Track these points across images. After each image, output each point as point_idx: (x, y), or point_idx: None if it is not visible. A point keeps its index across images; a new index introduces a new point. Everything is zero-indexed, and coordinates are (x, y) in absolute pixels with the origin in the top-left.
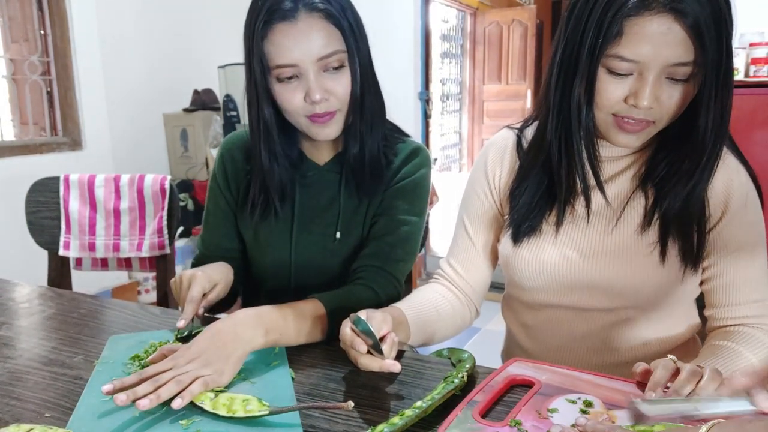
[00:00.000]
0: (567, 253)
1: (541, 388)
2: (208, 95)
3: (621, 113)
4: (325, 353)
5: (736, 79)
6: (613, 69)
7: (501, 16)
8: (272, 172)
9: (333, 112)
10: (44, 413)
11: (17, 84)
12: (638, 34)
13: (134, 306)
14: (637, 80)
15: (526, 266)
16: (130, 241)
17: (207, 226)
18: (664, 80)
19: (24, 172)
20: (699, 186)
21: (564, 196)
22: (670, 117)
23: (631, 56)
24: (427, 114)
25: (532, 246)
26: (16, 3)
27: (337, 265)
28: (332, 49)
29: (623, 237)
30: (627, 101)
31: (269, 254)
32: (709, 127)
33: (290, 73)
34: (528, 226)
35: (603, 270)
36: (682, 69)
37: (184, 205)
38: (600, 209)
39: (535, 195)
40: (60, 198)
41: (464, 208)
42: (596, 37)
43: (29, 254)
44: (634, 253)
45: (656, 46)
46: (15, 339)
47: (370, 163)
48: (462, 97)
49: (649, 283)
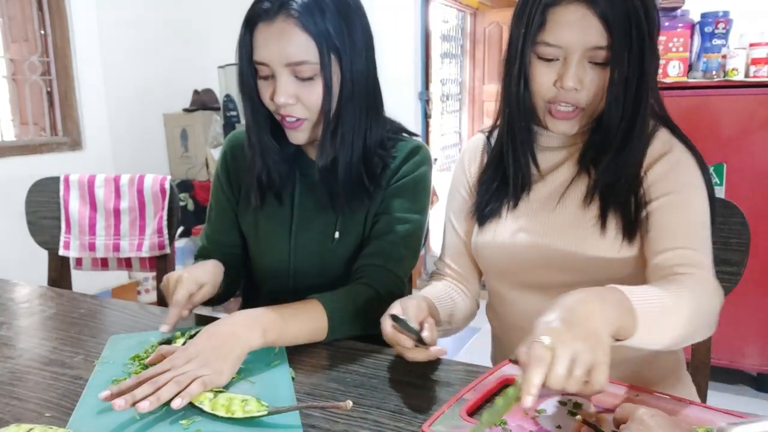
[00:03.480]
0: (521, 233)
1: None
2: (208, 95)
3: (553, 100)
4: (325, 353)
5: (736, 79)
6: (542, 55)
7: (501, 16)
8: (263, 164)
9: (301, 119)
10: (44, 413)
11: (17, 84)
12: (558, 22)
13: (134, 306)
14: (562, 65)
15: (489, 249)
16: (130, 241)
17: (210, 222)
18: (586, 64)
19: (24, 172)
20: (627, 160)
21: (513, 181)
22: (596, 100)
23: (554, 41)
24: (427, 114)
25: (493, 229)
26: (16, 3)
27: (336, 266)
28: (302, 59)
29: (568, 213)
30: (555, 85)
31: (269, 253)
32: (625, 108)
33: (265, 72)
34: (489, 210)
35: (553, 245)
36: (600, 53)
37: (184, 205)
38: (548, 190)
39: (494, 182)
40: (60, 198)
41: (449, 206)
42: (526, 27)
43: (29, 254)
44: (578, 226)
45: (574, 32)
46: (15, 339)
47: (345, 180)
48: (462, 97)
49: (595, 254)
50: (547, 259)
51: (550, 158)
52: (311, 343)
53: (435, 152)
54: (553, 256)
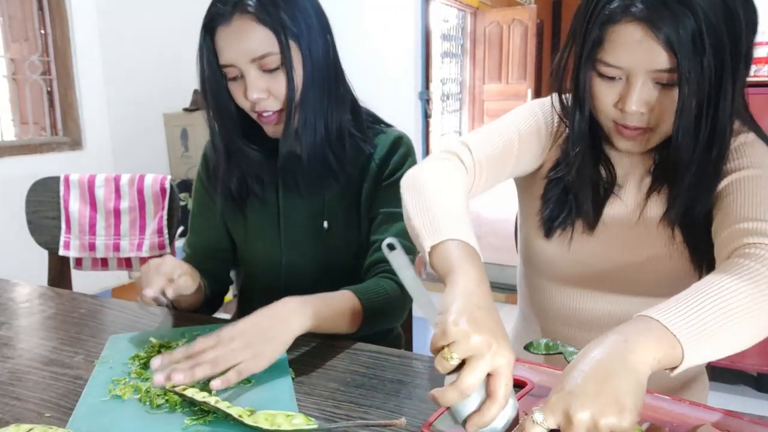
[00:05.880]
0: (599, 248)
1: (533, 389)
2: None
3: (617, 120)
4: (325, 353)
5: None
6: (602, 73)
7: (501, 16)
8: (229, 168)
9: (276, 111)
10: (44, 413)
11: (17, 84)
12: (616, 42)
13: (134, 306)
14: (625, 85)
15: (559, 260)
16: (130, 241)
17: (194, 230)
18: (652, 85)
19: (24, 172)
20: (700, 186)
21: (582, 187)
22: (666, 123)
23: (613, 62)
24: (427, 114)
25: (564, 241)
26: (16, 2)
27: (328, 258)
28: (264, 51)
29: (648, 231)
30: (616, 106)
31: (259, 249)
32: (698, 136)
33: (234, 73)
34: (559, 221)
35: (626, 262)
36: (666, 75)
37: (184, 205)
38: (625, 203)
39: (561, 189)
40: (60, 198)
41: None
42: (582, 43)
43: (29, 254)
44: (656, 246)
45: (634, 53)
46: (15, 339)
47: (309, 161)
48: (462, 97)
49: (666, 276)
50: (617, 275)
51: (624, 163)
52: (311, 343)
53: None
54: (625, 271)
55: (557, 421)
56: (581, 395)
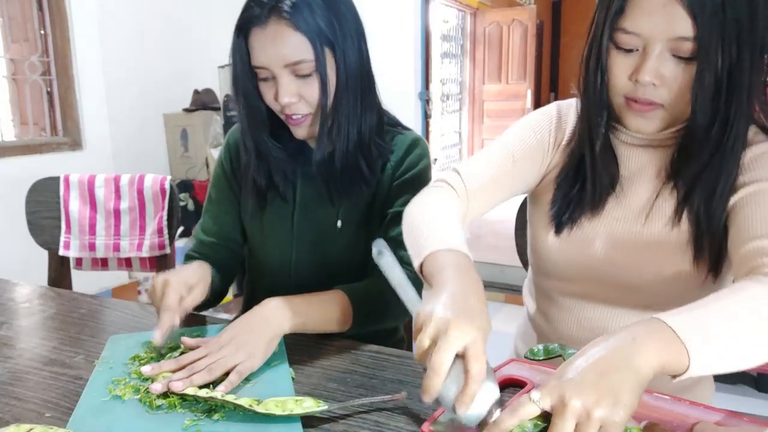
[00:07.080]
0: (604, 245)
1: (533, 388)
2: (208, 95)
3: (629, 94)
4: (325, 353)
5: None
6: (620, 44)
7: (501, 16)
8: (259, 165)
9: (306, 115)
10: (44, 413)
11: (17, 84)
12: (639, 7)
13: (134, 306)
14: (641, 56)
15: (566, 257)
16: (130, 241)
17: (209, 214)
18: (668, 57)
19: (24, 172)
20: (717, 176)
21: (593, 184)
22: (680, 100)
23: (633, 28)
24: (427, 114)
25: (575, 237)
26: (16, 3)
27: (338, 258)
28: (299, 58)
29: (656, 232)
30: (631, 78)
31: (270, 244)
32: (715, 112)
33: (265, 75)
34: (568, 217)
35: (633, 263)
36: (685, 45)
37: (184, 205)
38: (633, 200)
39: (573, 186)
40: (60, 198)
41: (512, 139)
42: (606, 10)
43: (29, 254)
44: (664, 248)
45: (655, 19)
46: (15, 339)
47: (342, 169)
48: (462, 97)
49: (674, 280)
50: (623, 276)
51: (634, 159)
52: (311, 343)
53: (435, 152)
54: (627, 275)
55: (552, 403)
56: (579, 383)
